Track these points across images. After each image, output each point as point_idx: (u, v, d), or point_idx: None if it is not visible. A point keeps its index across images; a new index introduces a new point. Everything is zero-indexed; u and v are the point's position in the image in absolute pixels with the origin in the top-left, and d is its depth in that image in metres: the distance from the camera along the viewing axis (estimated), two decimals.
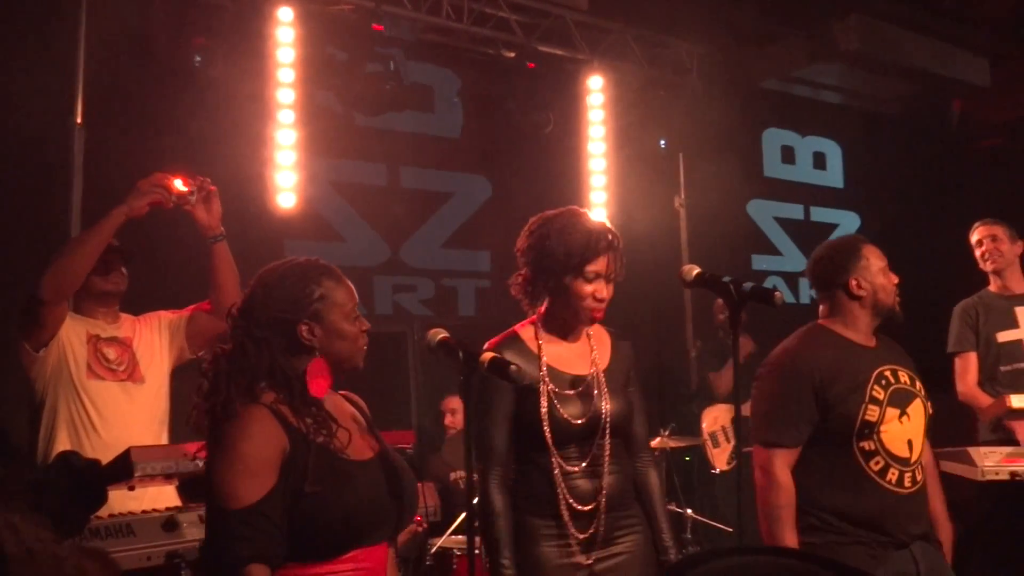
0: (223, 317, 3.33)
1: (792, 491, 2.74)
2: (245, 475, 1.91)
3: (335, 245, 5.99)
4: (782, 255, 8.26)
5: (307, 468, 1.95)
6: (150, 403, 3.32)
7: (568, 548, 2.50)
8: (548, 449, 2.48)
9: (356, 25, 5.58)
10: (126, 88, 5.00)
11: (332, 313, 2.06)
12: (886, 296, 2.90)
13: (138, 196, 3.16)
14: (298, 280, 2.06)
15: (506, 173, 6.61)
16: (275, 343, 2.02)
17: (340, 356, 2.08)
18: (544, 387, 2.51)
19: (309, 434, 1.99)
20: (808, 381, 2.79)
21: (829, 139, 8.67)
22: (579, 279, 2.53)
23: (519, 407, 2.51)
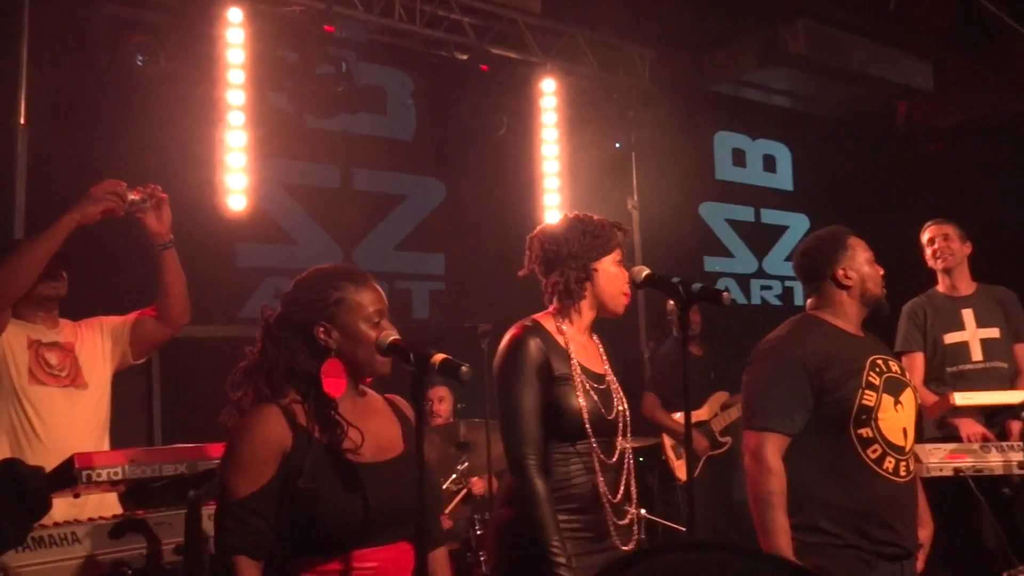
0: (169, 323, 3.34)
1: (783, 476, 2.73)
2: (239, 471, 2.04)
3: (287, 248, 5.94)
4: (734, 257, 8.36)
5: (304, 465, 2.04)
6: (93, 409, 3.27)
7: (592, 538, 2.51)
8: (584, 437, 2.52)
9: (307, 26, 5.54)
10: (70, 88, 4.91)
11: (348, 316, 2.13)
12: (874, 286, 2.92)
13: (91, 202, 3.10)
14: (318, 283, 2.17)
15: (460, 175, 6.60)
16: (294, 344, 2.12)
17: (357, 359, 2.15)
18: (579, 379, 2.55)
19: (315, 433, 2.08)
20: (802, 366, 2.79)
21: (779, 142, 8.79)
22: (614, 262, 2.64)
23: (549, 398, 2.52)
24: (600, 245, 2.62)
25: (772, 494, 2.70)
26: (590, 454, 2.53)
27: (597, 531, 2.53)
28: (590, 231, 2.64)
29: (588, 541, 2.51)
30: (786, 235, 8.69)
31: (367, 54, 5.96)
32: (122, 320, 3.39)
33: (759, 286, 8.46)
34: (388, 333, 2.16)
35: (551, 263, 2.66)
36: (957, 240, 4.64)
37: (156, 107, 5.10)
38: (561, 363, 2.54)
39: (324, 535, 2.05)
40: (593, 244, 2.62)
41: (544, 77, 6.61)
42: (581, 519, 2.51)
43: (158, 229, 3.28)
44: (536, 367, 2.51)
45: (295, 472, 2.04)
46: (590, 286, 2.64)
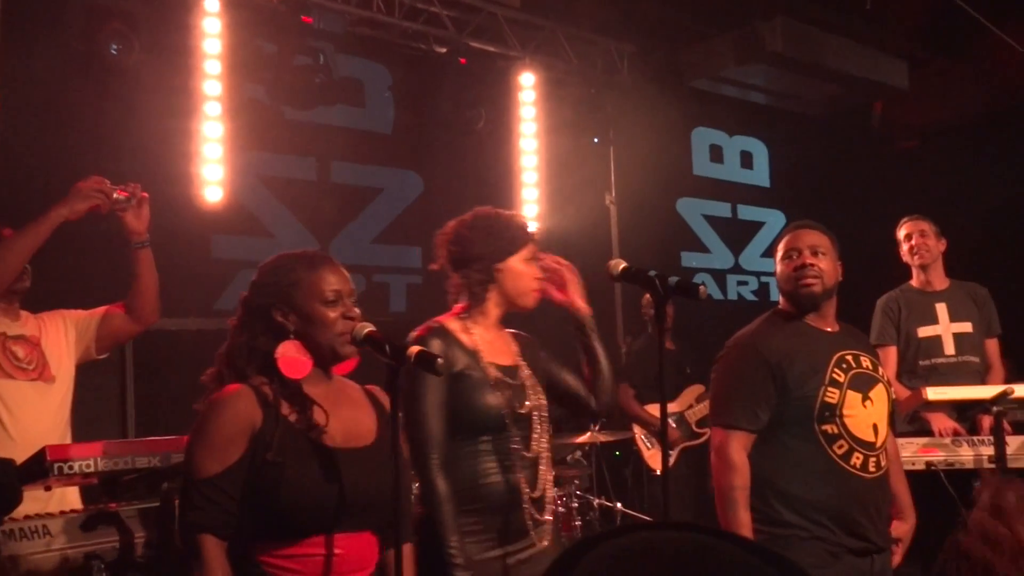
0: (138, 320, 3.31)
1: (747, 473, 2.75)
2: (207, 449, 2.05)
3: (264, 240, 5.90)
4: (710, 252, 8.40)
5: (272, 441, 2.05)
6: (59, 402, 3.24)
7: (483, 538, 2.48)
8: (505, 431, 2.51)
9: (285, 17, 5.50)
10: (44, 77, 4.85)
11: (305, 298, 2.16)
12: (783, 283, 2.93)
13: (78, 199, 3.09)
14: (277, 267, 2.21)
15: (437, 169, 6.59)
16: (255, 327, 2.16)
17: (317, 341, 2.16)
18: (489, 376, 2.53)
19: (283, 412, 2.10)
20: (765, 363, 2.80)
21: (756, 139, 8.84)
22: (523, 260, 2.63)
23: (457, 396, 2.50)
24: (505, 245, 2.61)
25: (735, 490, 2.73)
26: (505, 450, 2.52)
27: (510, 529, 2.50)
28: (495, 231, 2.62)
29: (497, 540, 2.48)
30: (762, 231, 8.74)
31: (345, 46, 5.93)
32: (88, 314, 3.36)
33: (735, 281, 8.51)
34: (363, 325, 2.16)
35: (456, 264, 2.65)
36: (933, 236, 4.69)
37: (131, 97, 5.05)
38: (468, 362, 2.51)
39: (289, 516, 2.04)
40: (498, 245, 2.61)
41: (523, 71, 6.60)
42: (492, 517, 2.48)
43: (136, 227, 3.26)
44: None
45: (263, 448, 2.05)
46: (494, 286, 2.63)
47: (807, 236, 2.94)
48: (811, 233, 2.94)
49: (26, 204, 3.22)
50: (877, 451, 2.83)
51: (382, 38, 6.14)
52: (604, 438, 5.45)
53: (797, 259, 2.90)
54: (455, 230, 2.67)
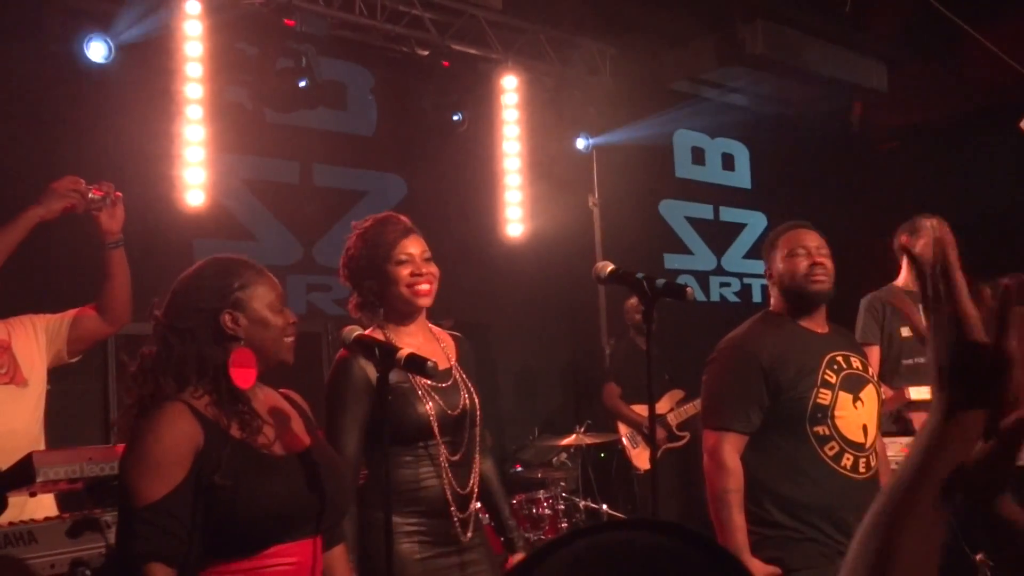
0: (111, 321, 3.29)
1: (740, 475, 2.75)
2: (149, 473, 1.91)
3: (246, 244, 5.87)
4: (693, 254, 8.43)
5: (220, 461, 1.95)
6: (33, 407, 3.20)
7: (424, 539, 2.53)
8: (434, 437, 2.55)
9: (267, 20, 5.48)
10: (23, 81, 4.82)
11: (254, 302, 2.09)
12: (791, 280, 2.91)
13: (54, 198, 3.07)
14: (218, 271, 2.10)
15: (420, 172, 6.58)
16: (199, 334, 2.04)
17: (265, 346, 2.10)
18: (415, 381, 2.55)
19: (228, 429, 2.00)
20: (756, 365, 2.80)
21: (737, 141, 8.88)
22: (392, 265, 2.63)
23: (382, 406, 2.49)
24: (368, 264, 2.64)
25: (728, 492, 2.73)
26: (436, 456, 2.57)
27: (445, 531, 2.57)
28: (354, 255, 2.67)
29: (434, 544, 2.55)
30: (744, 232, 8.79)
31: (327, 49, 5.91)
32: (58, 317, 3.31)
33: (718, 283, 8.54)
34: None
35: (352, 285, 2.71)
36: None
37: (111, 100, 5.02)
38: (398, 375, 2.47)
39: (244, 532, 1.97)
40: (360, 265, 2.65)
41: (505, 74, 6.61)
42: (431, 521, 2.55)
43: (111, 227, 3.24)
44: (361, 387, 2.53)
45: (210, 469, 1.94)
46: (386, 296, 2.66)
47: (811, 236, 2.96)
48: (813, 234, 2.97)
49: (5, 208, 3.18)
50: (867, 452, 2.84)
51: (364, 41, 6.13)
52: (590, 440, 5.46)
53: (808, 257, 2.90)
54: (344, 254, 2.72)
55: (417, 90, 6.40)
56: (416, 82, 6.38)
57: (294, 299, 6.05)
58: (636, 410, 6.07)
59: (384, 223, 2.70)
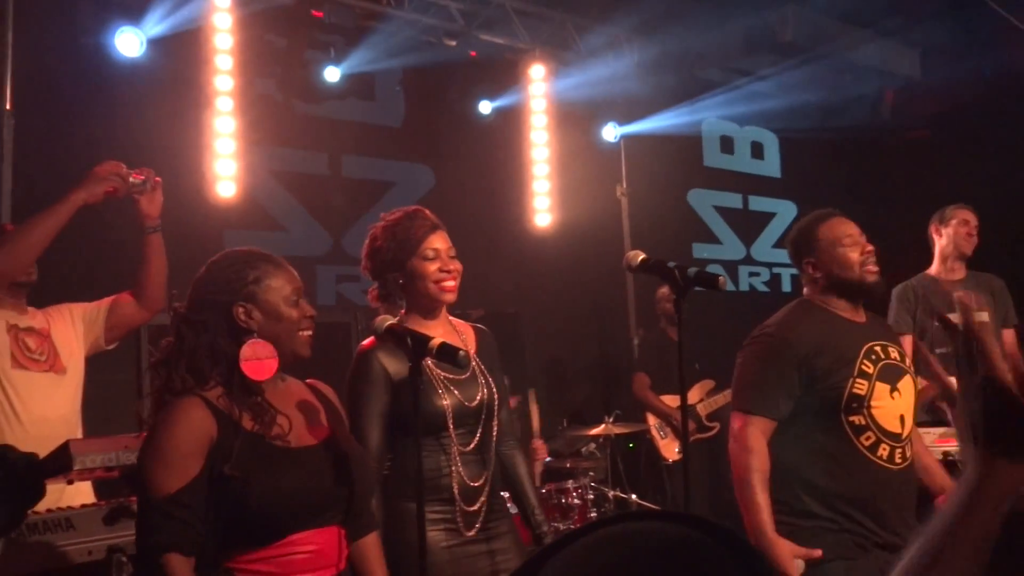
0: (147, 307, 3.33)
1: (765, 456, 2.72)
2: (165, 465, 1.93)
3: (276, 235, 5.91)
4: (721, 244, 8.38)
5: (230, 453, 1.96)
6: (71, 395, 3.25)
7: (450, 526, 2.56)
8: (447, 429, 2.57)
9: (295, 12, 5.51)
10: (56, 74, 4.87)
11: (268, 295, 2.08)
12: (841, 271, 2.87)
13: (96, 182, 3.09)
14: (233, 264, 2.10)
15: (449, 162, 6.59)
16: (213, 326, 2.04)
17: (280, 339, 2.09)
18: (432, 373, 2.57)
19: (240, 420, 2.01)
20: (792, 353, 2.77)
21: (766, 129, 8.81)
22: (420, 260, 2.63)
23: (402, 398, 2.54)
24: (395, 256, 2.65)
25: (752, 471, 2.70)
26: (450, 447, 2.59)
27: (462, 520, 2.59)
28: (381, 246, 2.67)
29: (458, 531, 2.58)
30: (774, 222, 8.72)
31: (355, 40, 5.93)
32: (95, 305, 3.36)
33: (747, 273, 8.49)
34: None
35: (373, 275, 2.73)
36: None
37: (143, 92, 5.06)
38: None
39: (257, 521, 1.97)
40: (387, 258, 2.65)
41: (532, 63, 6.60)
42: (448, 510, 2.57)
43: (150, 211, 3.28)
44: (380, 380, 2.56)
45: (221, 460, 1.96)
46: (409, 288, 2.67)
47: (852, 225, 2.93)
48: (852, 222, 2.95)
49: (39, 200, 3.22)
50: (903, 442, 2.81)
51: (392, 31, 6.13)
52: (618, 430, 5.45)
53: (857, 246, 2.87)
54: (367, 243, 2.74)
55: (445, 80, 6.40)
56: (444, 72, 6.38)
57: (323, 290, 6.08)
58: (666, 400, 6.05)
59: (412, 217, 2.71)
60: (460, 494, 2.58)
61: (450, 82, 6.35)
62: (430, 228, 2.68)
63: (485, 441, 2.66)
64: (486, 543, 2.63)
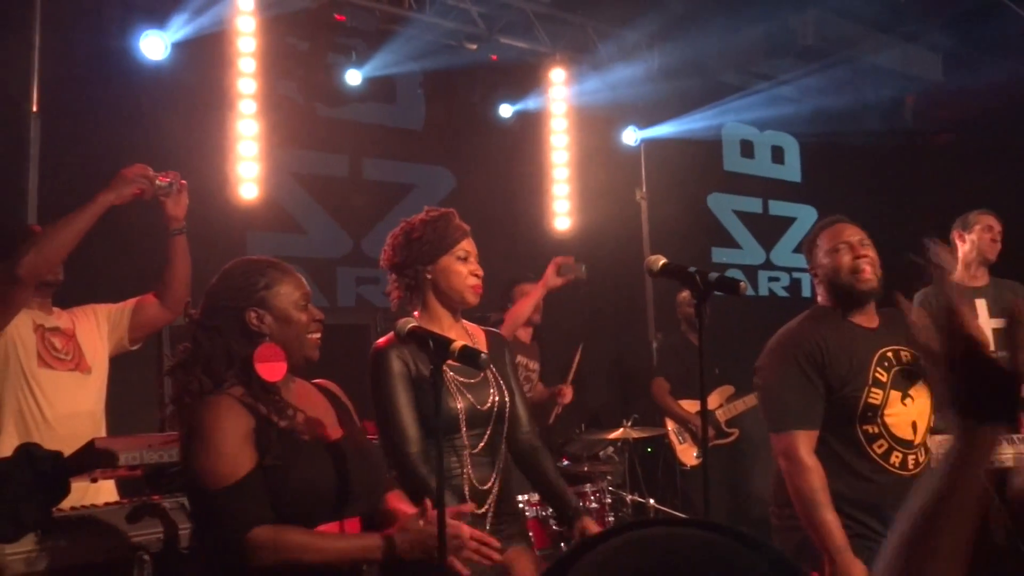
0: (171, 308, 3.37)
1: (822, 472, 2.70)
2: (221, 458, 2.01)
3: (297, 237, 5.95)
4: (741, 248, 8.36)
5: (270, 445, 2.05)
6: (96, 394, 3.30)
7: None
8: (459, 432, 2.59)
9: (317, 15, 5.54)
10: (82, 75, 4.92)
11: (279, 300, 2.18)
12: (836, 276, 2.86)
13: (124, 184, 3.14)
14: (244, 272, 2.20)
15: (468, 165, 6.61)
16: (226, 331, 2.14)
17: (290, 343, 2.18)
18: (447, 376, 2.60)
19: (270, 416, 2.11)
20: (811, 359, 2.77)
21: (787, 133, 8.78)
22: (454, 258, 2.67)
23: (420, 400, 2.58)
24: (432, 248, 2.66)
25: (815, 491, 2.68)
26: (462, 449, 2.61)
27: (483, 523, 2.60)
28: (418, 237, 2.68)
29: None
30: (793, 227, 8.68)
31: (377, 43, 5.96)
32: (119, 306, 3.42)
33: (766, 277, 8.46)
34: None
35: (392, 269, 2.74)
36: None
37: (167, 95, 5.11)
38: (425, 367, 2.54)
39: (292, 512, 2.05)
40: (425, 249, 2.66)
41: (553, 67, 6.61)
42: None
43: (176, 213, 3.33)
44: (401, 375, 2.59)
45: (262, 453, 2.05)
46: (429, 288, 2.68)
47: (852, 230, 2.91)
48: (853, 227, 2.92)
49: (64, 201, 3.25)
50: (916, 448, 2.80)
51: (413, 35, 6.16)
52: (637, 434, 5.43)
53: (851, 251, 2.86)
54: (391, 237, 2.75)
55: (466, 84, 6.42)
56: (465, 76, 6.40)
57: (343, 291, 6.11)
58: (685, 405, 6.04)
59: (450, 217, 2.74)
60: (470, 495, 2.60)
61: (471, 85, 6.37)
62: (464, 232, 2.73)
63: (494, 444, 2.69)
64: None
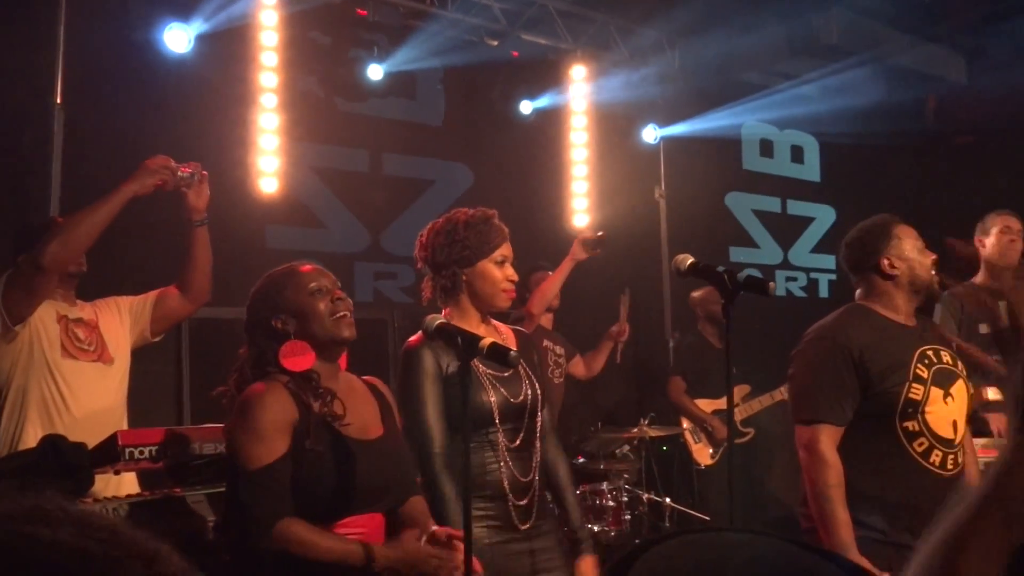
0: (193, 299, 3.38)
1: (840, 469, 2.69)
2: (259, 439, 2.16)
3: (316, 231, 5.96)
4: (759, 248, 8.31)
5: (309, 430, 2.20)
6: (118, 385, 3.31)
7: (493, 523, 2.57)
8: (495, 426, 2.59)
9: (340, 10, 5.54)
10: (106, 68, 4.94)
11: (292, 299, 2.33)
12: (923, 272, 2.87)
13: (147, 175, 3.15)
14: (263, 287, 2.40)
15: (488, 161, 6.60)
16: (260, 341, 2.34)
17: (315, 333, 2.31)
18: (479, 370, 2.60)
19: (309, 403, 2.25)
20: (848, 355, 2.76)
21: (807, 133, 8.73)
22: (491, 264, 2.66)
23: (452, 396, 2.57)
24: (471, 251, 2.65)
25: (830, 487, 2.67)
26: (497, 443, 2.61)
27: (509, 516, 2.61)
28: (461, 237, 2.66)
29: (503, 528, 2.59)
30: (812, 226, 8.64)
31: (398, 38, 5.96)
32: (142, 298, 3.42)
33: (784, 277, 8.41)
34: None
35: (429, 268, 2.73)
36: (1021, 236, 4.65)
37: (190, 88, 5.12)
38: (456, 363, 2.51)
39: (324, 501, 2.19)
40: (463, 251, 2.65)
41: (574, 64, 6.59)
42: (497, 506, 2.59)
43: (197, 205, 3.33)
44: (431, 374, 2.59)
45: (301, 438, 2.19)
46: (465, 289, 2.68)
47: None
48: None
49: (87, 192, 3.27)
50: (956, 448, 2.79)
51: (435, 31, 6.15)
52: (654, 433, 5.43)
53: (928, 254, 2.89)
54: (427, 235, 2.74)
55: (486, 80, 6.41)
56: (485, 72, 6.39)
57: (361, 286, 6.12)
58: (701, 404, 6.02)
59: (491, 220, 2.72)
60: (511, 489, 2.60)
61: (492, 82, 6.36)
62: (504, 236, 2.72)
63: (530, 439, 2.69)
64: (527, 541, 2.63)
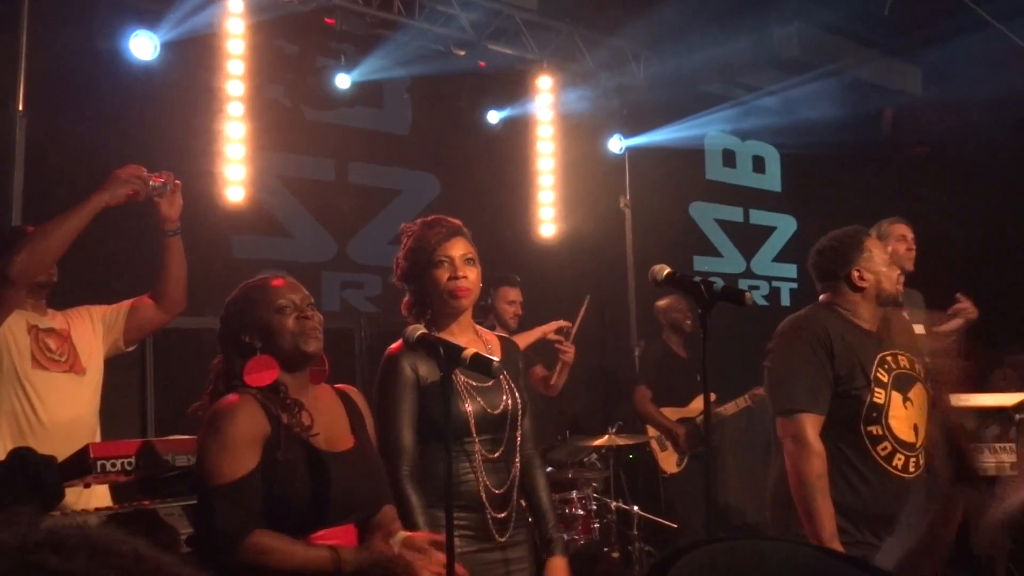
0: (167, 309, 3.34)
1: (825, 458, 2.71)
2: (228, 454, 2.14)
3: (282, 240, 5.92)
4: (722, 256, 8.41)
5: (280, 443, 2.19)
6: (91, 396, 3.27)
7: (467, 533, 2.56)
8: (471, 436, 2.59)
9: (307, 19, 5.52)
10: (69, 75, 4.87)
11: (261, 313, 2.33)
12: (889, 285, 2.93)
13: (118, 185, 3.11)
14: (233, 303, 2.40)
15: (454, 171, 6.61)
16: (230, 354, 2.35)
17: (281, 347, 2.31)
18: (459, 380, 2.59)
19: (279, 416, 2.25)
20: (824, 344, 2.80)
21: (768, 144, 8.85)
22: (434, 269, 2.66)
23: (431, 405, 2.57)
24: (418, 261, 2.67)
25: (817, 477, 2.69)
26: (473, 453, 2.61)
27: (484, 527, 2.60)
28: (408, 253, 2.70)
29: (476, 539, 2.59)
30: (774, 236, 8.76)
31: (365, 48, 5.95)
32: (115, 308, 3.38)
33: (747, 286, 8.50)
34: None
35: (403, 283, 2.75)
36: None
37: (156, 96, 5.06)
38: (435, 372, 2.49)
39: (296, 513, 2.17)
40: (415, 266, 2.68)
41: (540, 74, 6.62)
42: (471, 517, 2.59)
43: (170, 215, 3.29)
44: (409, 384, 2.60)
45: (274, 449, 2.18)
46: (431, 298, 2.70)
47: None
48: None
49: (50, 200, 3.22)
50: (917, 451, 2.85)
51: (402, 40, 6.15)
52: (622, 441, 5.45)
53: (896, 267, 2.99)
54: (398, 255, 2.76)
55: (453, 90, 6.42)
56: (452, 82, 6.40)
57: (328, 296, 6.08)
58: (666, 413, 6.06)
59: (429, 226, 2.73)
60: (488, 501, 2.60)
61: (458, 91, 6.37)
62: (445, 235, 2.70)
63: (509, 450, 2.68)
64: (502, 551, 2.64)
